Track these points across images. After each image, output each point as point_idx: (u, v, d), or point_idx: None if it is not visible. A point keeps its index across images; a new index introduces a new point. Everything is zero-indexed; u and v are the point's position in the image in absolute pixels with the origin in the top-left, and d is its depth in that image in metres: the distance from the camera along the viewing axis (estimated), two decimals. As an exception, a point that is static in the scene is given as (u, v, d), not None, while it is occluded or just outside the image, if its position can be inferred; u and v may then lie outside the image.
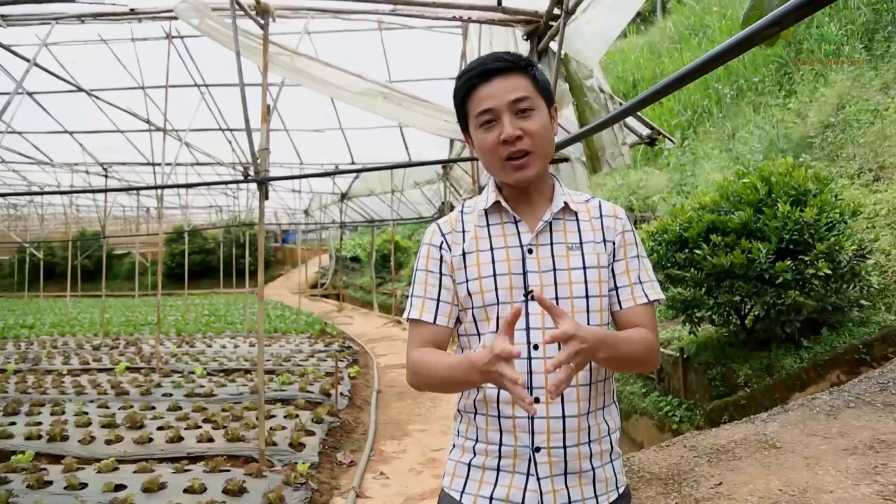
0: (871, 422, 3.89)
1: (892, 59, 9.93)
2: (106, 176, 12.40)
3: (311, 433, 5.23)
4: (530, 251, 1.44)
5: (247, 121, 4.57)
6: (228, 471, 4.32)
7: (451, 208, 10.36)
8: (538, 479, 1.37)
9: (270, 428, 5.29)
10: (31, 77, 7.03)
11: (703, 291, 5.80)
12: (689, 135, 13.10)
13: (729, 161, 10.76)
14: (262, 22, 4.81)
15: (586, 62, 4.65)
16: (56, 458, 4.78)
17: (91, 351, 10.38)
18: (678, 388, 6.40)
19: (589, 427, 1.42)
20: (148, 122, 9.00)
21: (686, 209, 6.44)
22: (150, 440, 5.12)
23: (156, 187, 6.48)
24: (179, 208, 23.71)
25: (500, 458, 1.40)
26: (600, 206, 1.52)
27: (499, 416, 1.42)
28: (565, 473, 1.38)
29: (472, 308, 1.45)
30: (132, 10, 5.32)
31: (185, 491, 3.92)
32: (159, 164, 9.04)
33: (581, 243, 1.45)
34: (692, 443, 4.21)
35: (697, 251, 5.85)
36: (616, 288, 1.47)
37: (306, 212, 22.55)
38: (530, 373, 1.38)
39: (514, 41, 5.24)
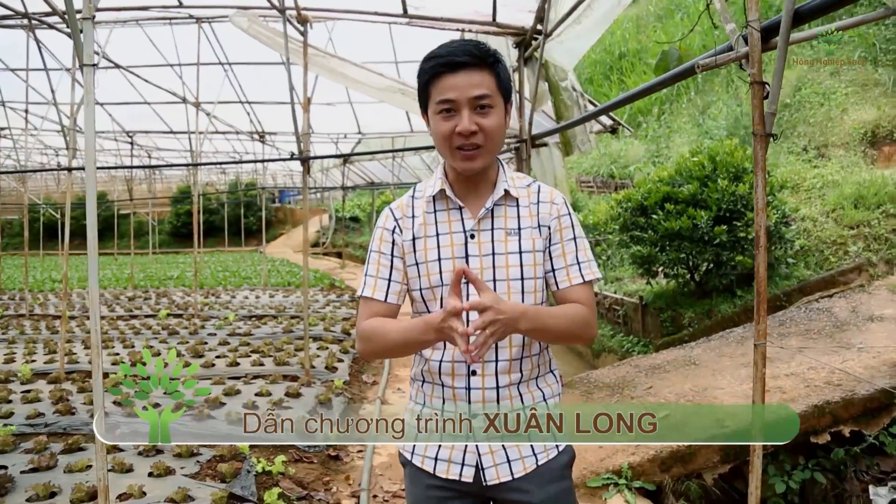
0: (766, 346, 5.23)
1: (845, 45, 11.10)
2: (132, 143, 13.52)
3: (340, 360, 6.54)
4: (472, 236, 1.52)
5: (293, 110, 5.75)
6: (282, 384, 5.64)
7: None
8: (476, 442, 1.50)
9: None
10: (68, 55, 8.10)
11: (658, 249, 7.10)
12: (666, 109, 14.29)
13: (698, 135, 11.96)
14: (303, 29, 5.95)
15: (563, 66, 5.87)
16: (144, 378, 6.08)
17: (127, 301, 11.65)
18: (638, 329, 7.76)
19: (521, 395, 1.52)
20: (184, 99, 10.11)
21: (647, 181, 7.71)
22: (213, 365, 6.41)
23: (210, 164, 7.66)
24: (186, 168, 24.79)
25: (443, 422, 1.52)
26: (539, 192, 1.57)
27: (442, 386, 1.53)
28: (502, 436, 1.49)
29: (420, 289, 1.54)
30: (191, 16, 6.45)
31: (256, 395, 5.23)
32: (191, 133, 10.17)
33: (519, 229, 1.52)
34: (636, 363, 5.56)
35: (654, 216, 7.13)
36: (553, 270, 1.53)
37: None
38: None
39: (505, 45, 6.43)
